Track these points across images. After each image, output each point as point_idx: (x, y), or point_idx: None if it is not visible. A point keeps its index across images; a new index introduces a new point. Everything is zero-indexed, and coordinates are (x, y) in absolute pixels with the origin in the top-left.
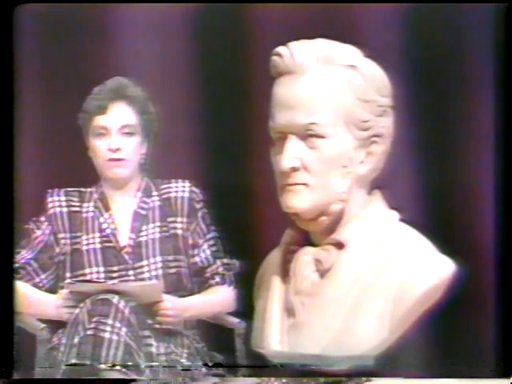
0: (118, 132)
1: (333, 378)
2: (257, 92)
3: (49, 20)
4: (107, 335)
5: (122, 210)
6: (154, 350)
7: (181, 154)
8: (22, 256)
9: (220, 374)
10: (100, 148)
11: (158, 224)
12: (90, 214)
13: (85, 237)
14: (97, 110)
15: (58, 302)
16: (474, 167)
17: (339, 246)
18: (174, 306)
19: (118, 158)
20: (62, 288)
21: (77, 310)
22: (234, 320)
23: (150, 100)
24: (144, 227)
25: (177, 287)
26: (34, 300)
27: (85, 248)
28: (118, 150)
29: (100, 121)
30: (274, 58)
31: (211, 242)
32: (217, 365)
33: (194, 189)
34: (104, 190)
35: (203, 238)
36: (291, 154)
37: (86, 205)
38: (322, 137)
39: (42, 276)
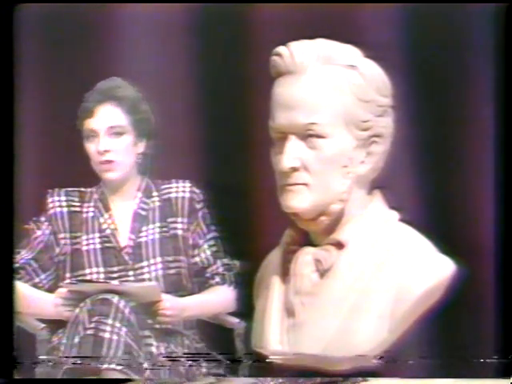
0: (105, 134)
1: (328, 378)
2: (257, 92)
3: (49, 20)
4: (107, 335)
5: (122, 211)
6: (154, 349)
7: (181, 154)
8: (22, 256)
9: (220, 374)
10: (91, 151)
11: (158, 224)
12: (90, 214)
13: (85, 237)
14: (85, 114)
15: (56, 300)
16: (474, 167)
17: (339, 246)
18: (173, 306)
19: (107, 160)
20: (61, 287)
21: (77, 310)
22: (234, 320)
23: (142, 99)
24: (144, 228)
25: (177, 288)
26: (33, 300)
27: (85, 248)
28: (106, 151)
29: (89, 124)
30: (274, 58)
31: (211, 243)
32: (217, 364)
33: (195, 189)
34: (104, 191)
35: (203, 238)
36: (291, 154)
37: (86, 205)
38: (322, 137)
39: (42, 276)
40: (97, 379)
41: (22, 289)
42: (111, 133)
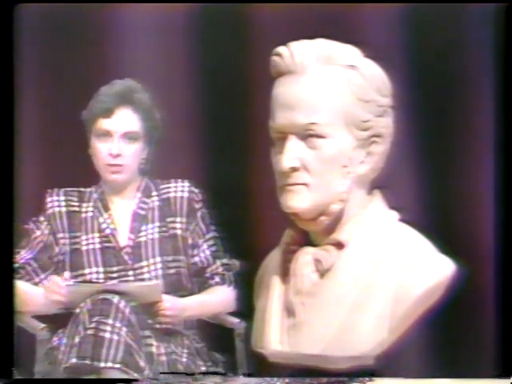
0: (120, 138)
1: (335, 378)
2: (257, 92)
3: (49, 20)
4: (107, 335)
5: (122, 210)
6: (154, 349)
7: (181, 154)
8: (22, 256)
9: (220, 374)
10: (101, 151)
11: (157, 224)
12: (90, 214)
13: (84, 237)
14: (102, 113)
15: (46, 288)
16: (474, 167)
17: (339, 245)
18: (173, 306)
19: (117, 164)
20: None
21: (77, 310)
22: (234, 320)
23: (155, 106)
24: (143, 227)
25: (177, 287)
26: (31, 296)
27: (84, 248)
28: (118, 155)
29: (104, 124)
30: (274, 58)
31: (211, 242)
32: (216, 365)
33: (194, 189)
34: (104, 190)
35: (203, 238)
36: (291, 154)
37: (85, 205)
38: (322, 137)
39: (42, 276)
40: (97, 379)
41: (21, 286)
42: (126, 137)
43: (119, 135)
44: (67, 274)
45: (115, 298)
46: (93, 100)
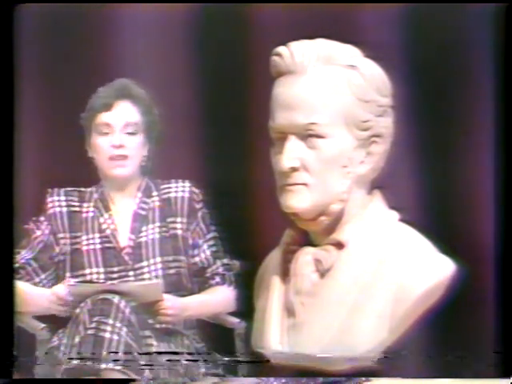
0: (121, 129)
1: (332, 378)
2: (257, 92)
3: (49, 20)
4: (108, 335)
5: (122, 211)
6: (154, 349)
7: (181, 153)
8: (22, 256)
9: (220, 374)
10: (103, 145)
11: (157, 224)
12: (90, 214)
13: (85, 237)
14: (101, 108)
15: (51, 297)
16: (474, 167)
17: (339, 245)
18: (174, 306)
19: (120, 155)
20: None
21: (77, 310)
22: (234, 320)
23: (153, 102)
24: (144, 228)
25: (177, 287)
26: (31, 297)
27: (85, 248)
28: (121, 146)
29: (104, 118)
30: (275, 58)
31: (211, 242)
32: (216, 364)
33: (194, 189)
34: (104, 190)
35: (203, 238)
36: (291, 154)
37: (85, 205)
38: (321, 137)
39: (42, 276)
40: (97, 379)
41: (22, 286)
42: (127, 130)
43: (120, 127)
44: (60, 287)
45: (115, 298)
46: (91, 100)
